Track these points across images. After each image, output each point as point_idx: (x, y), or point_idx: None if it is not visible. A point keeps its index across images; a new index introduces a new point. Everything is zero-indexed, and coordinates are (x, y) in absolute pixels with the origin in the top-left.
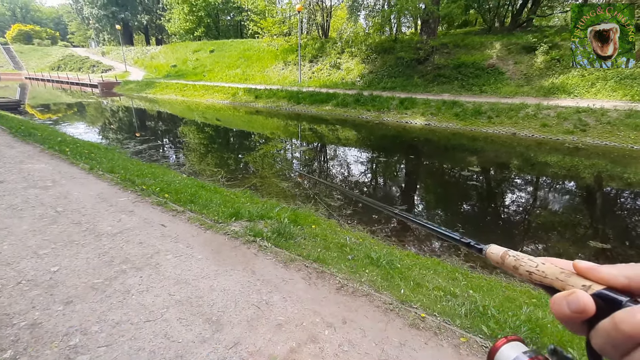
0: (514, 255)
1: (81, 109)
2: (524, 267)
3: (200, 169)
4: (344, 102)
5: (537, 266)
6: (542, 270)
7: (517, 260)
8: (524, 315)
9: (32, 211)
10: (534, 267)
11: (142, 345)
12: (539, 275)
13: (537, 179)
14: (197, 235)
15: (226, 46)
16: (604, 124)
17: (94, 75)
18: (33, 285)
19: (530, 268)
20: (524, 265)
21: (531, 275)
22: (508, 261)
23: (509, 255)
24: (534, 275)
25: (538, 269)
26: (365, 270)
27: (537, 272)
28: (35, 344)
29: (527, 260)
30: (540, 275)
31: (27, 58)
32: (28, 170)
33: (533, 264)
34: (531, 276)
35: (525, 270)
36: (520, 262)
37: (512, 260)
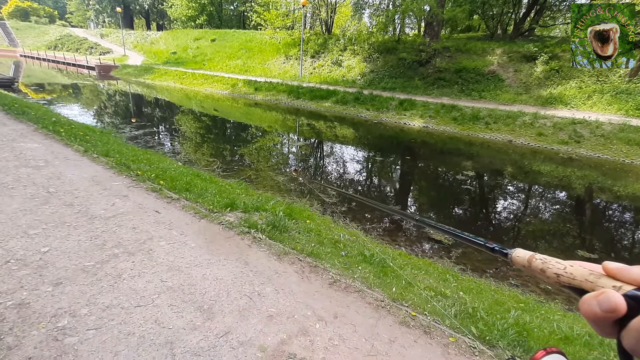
0: (541, 259)
1: (77, 90)
2: (552, 269)
3: (196, 158)
4: (343, 99)
5: (565, 268)
6: (571, 272)
7: (545, 263)
8: (512, 318)
9: (23, 190)
10: (562, 270)
11: (132, 329)
12: (567, 277)
13: (529, 187)
14: (191, 224)
15: (228, 36)
16: (598, 136)
17: (91, 57)
18: (22, 265)
19: (558, 270)
20: (551, 267)
21: (559, 277)
22: (535, 264)
23: (535, 258)
24: (562, 278)
25: (566, 271)
26: (358, 267)
27: (565, 274)
28: (22, 323)
29: (554, 263)
30: (569, 277)
31: (23, 35)
32: (20, 148)
33: (561, 266)
34: (559, 278)
35: (553, 272)
36: (548, 265)
37: (539, 264)
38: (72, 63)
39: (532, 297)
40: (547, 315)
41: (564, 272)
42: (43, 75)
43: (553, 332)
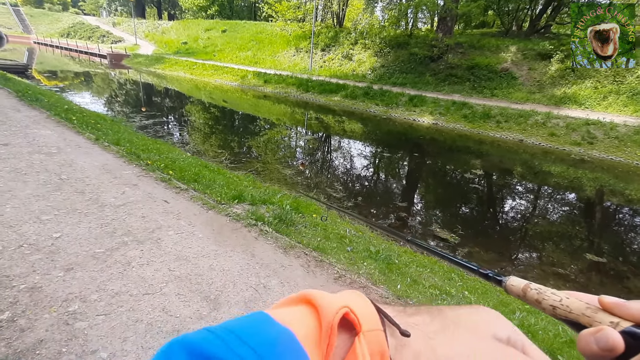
0: (536, 289)
1: (89, 78)
2: (547, 301)
3: (204, 148)
4: (353, 94)
5: (561, 300)
6: (567, 305)
7: (540, 293)
8: (516, 320)
9: (36, 176)
10: (558, 302)
11: (140, 317)
12: (563, 310)
13: (539, 188)
14: (199, 214)
15: (239, 27)
16: (612, 138)
17: (103, 46)
18: (34, 250)
19: (554, 302)
20: (547, 299)
21: (555, 309)
22: (530, 294)
23: (530, 288)
24: (558, 310)
25: (562, 304)
26: (363, 262)
27: (561, 307)
28: (34, 307)
29: (550, 294)
30: (565, 310)
31: (36, 22)
32: (33, 135)
33: (557, 298)
34: (555, 311)
35: (549, 304)
36: (543, 296)
37: (534, 294)
38: (84, 51)
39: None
40: (552, 318)
41: (560, 304)
42: (56, 62)
43: (558, 335)
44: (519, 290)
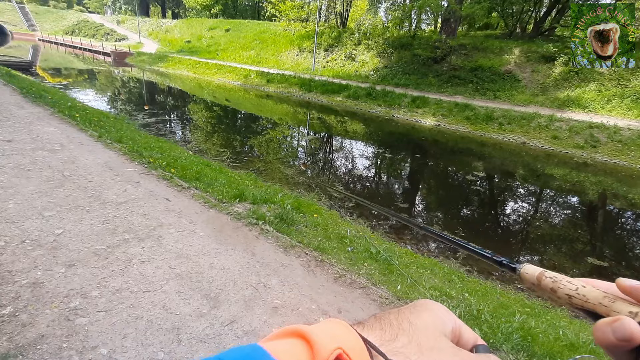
0: (551, 277)
1: (92, 76)
2: (563, 290)
3: (206, 147)
4: (355, 94)
5: (577, 289)
6: (583, 294)
7: (555, 282)
8: (517, 322)
9: (39, 173)
10: (574, 290)
11: (141, 313)
12: (579, 299)
13: (541, 191)
14: (200, 213)
15: (242, 26)
16: (615, 141)
17: (107, 44)
18: (37, 246)
19: (569, 291)
20: (562, 288)
21: (571, 299)
22: (545, 283)
23: (545, 276)
24: (574, 299)
25: (579, 293)
26: (363, 263)
27: (577, 296)
28: (35, 302)
29: (566, 283)
30: (582, 299)
31: (41, 19)
32: (37, 132)
33: (573, 286)
34: (571, 300)
35: (565, 293)
36: (559, 285)
37: (549, 282)
38: (89, 49)
39: (538, 302)
40: (552, 321)
41: (576, 294)
42: (60, 59)
43: (558, 339)
44: (533, 279)
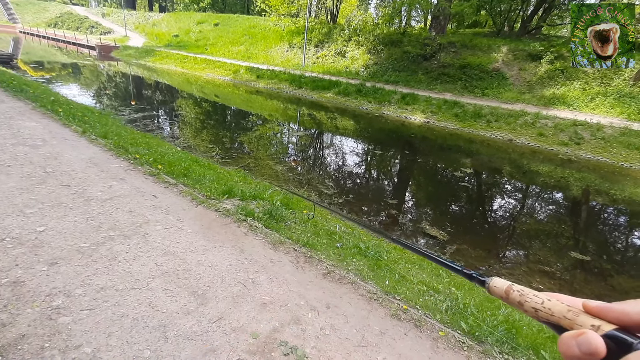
0: (518, 290)
1: (76, 70)
2: (530, 303)
3: (194, 143)
4: (345, 91)
5: (543, 303)
6: (549, 307)
7: (522, 295)
8: (502, 315)
9: (20, 169)
10: (540, 304)
11: (126, 312)
12: (545, 312)
13: (527, 187)
14: (188, 209)
15: (231, 21)
16: (599, 139)
17: (92, 37)
18: (17, 244)
19: (536, 305)
20: (529, 301)
21: (537, 312)
22: (513, 296)
23: (513, 290)
24: (540, 313)
25: (544, 306)
26: (352, 259)
27: (543, 309)
28: (16, 301)
29: (532, 297)
30: (547, 312)
31: (22, 11)
32: (18, 126)
33: (539, 300)
34: (537, 313)
35: (531, 307)
36: (526, 298)
37: (516, 296)
38: (72, 42)
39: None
40: None
41: (542, 307)
42: (42, 53)
43: (541, 331)
44: (501, 292)
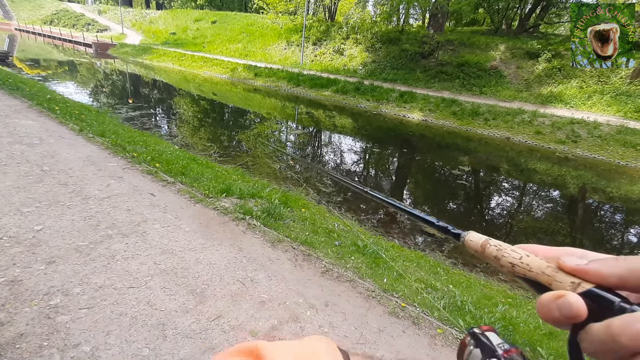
0: (495, 245)
1: (73, 68)
2: (507, 258)
3: (192, 142)
4: (343, 89)
5: (521, 258)
6: (527, 263)
7: (499, 250)
8: (499, 312)
9: (16, 167)
10: (518, 259)
11: (125, 310)
12: (522, 268)
13: (524, 185)
14: (186, 208)
15: (229, 18)
16: (595, 137)
17: (88, 34)
18: (15, 242)
19: (513, 260)
20: (506, 256)
21: (514, 267)
22: (489, 251)
23: (490, 244)
24: (517, 268)
25: (522, 262)
26: (350, 257)
27: (520, 265)
28: (14, 300)
29: (510, 252)
30: (524, 268)
31: (18, 8)
32: (14, 125)
33: (517, 255)
34: (514, 269)
35: (508, 262)
36: (503, 253)
37: (493, 250)
38: (69, 39)
39: (520, 292)
40: (533, 311)
41: (519, 262)
42: (38, 50)
43: (538, 327)
44: (477, 247)
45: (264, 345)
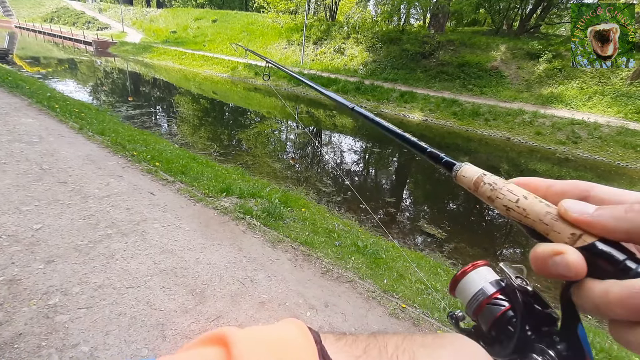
0: (490, 183)
1: (73, 66)
2: (502, 200)
3: (192, 140)
4: (344, 88)
5: (518, 201)
6: (524, 207)
7: (494, 190)
8: None
9: (16, 165)
10: (514, 202)
11: (124, 310)
12: (518, 213)
13: None
14: (186, 207)
15: (230, 17)
16: (596, 138)
17: (88, 32)
18: (13, 241)
19: (508, 203)
20: (501, 198)
21: (509, 211)
22: (483, 190)
23: (484, 182)
24: (511, 213)
25: (518, 205)
26: (351, 257)
27: (516, 209)
28: (12, 300)
29: (506, 192)
30: (520, 213)
31: (18, 5)
32: (14, 123)
33: (513, 197)
34: (509, 212)
35: (503, 204)
36: (498, 194)
37: (487, 190)
38: (69, 37)
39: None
40: None
41: (515, 207)
42: (38, 48)
43: None
44: (470, 183)
45: (232, 332)
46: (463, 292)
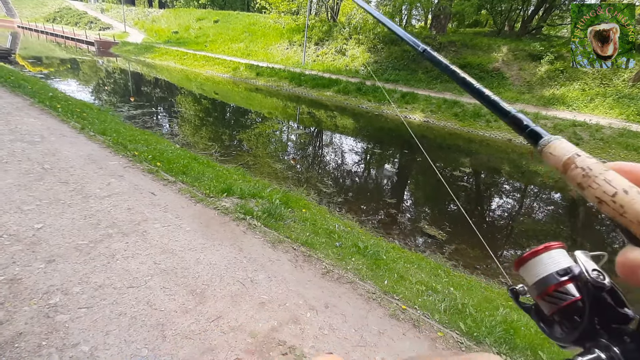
0: (583, 168)
1: (75, 66)
2: (594, 191)
3: (193, 141)
4: (345, 89)
5: (616, 195)
6: (621, 204)
7: (587, 177)
8: (500, 316)
9: (17, 165)
10: (609, 196)
11: (124, 310)
12: (613, 209)
13: (525, 187)
14: (186, 207)
15: (231, 18)
16: (597, 140)
17: (91, 32)
18: (15, 241)
19: (603, 195)
20: (595, 188)
21: (602, 205)
22: (573, 174)
23: (576, 164)
24: (604, 207)
25: (615, 201)
26: (351, 258)
27: (612, 205)
28: (13, 299)
29: (601, 182)
30: (616, 210)
31: (21, 5)
32: (16, 122)
33: (610, 190)
34: (601, 206)
35: (595, 196)
36: (591, 183)
37: (578, 175)
38: (71, 37)
39: None
40: None
41: (611, 202)
42: (41, 48)
43: (539, 332)
44: (558, 163)
45: None
46: (530, 272)
